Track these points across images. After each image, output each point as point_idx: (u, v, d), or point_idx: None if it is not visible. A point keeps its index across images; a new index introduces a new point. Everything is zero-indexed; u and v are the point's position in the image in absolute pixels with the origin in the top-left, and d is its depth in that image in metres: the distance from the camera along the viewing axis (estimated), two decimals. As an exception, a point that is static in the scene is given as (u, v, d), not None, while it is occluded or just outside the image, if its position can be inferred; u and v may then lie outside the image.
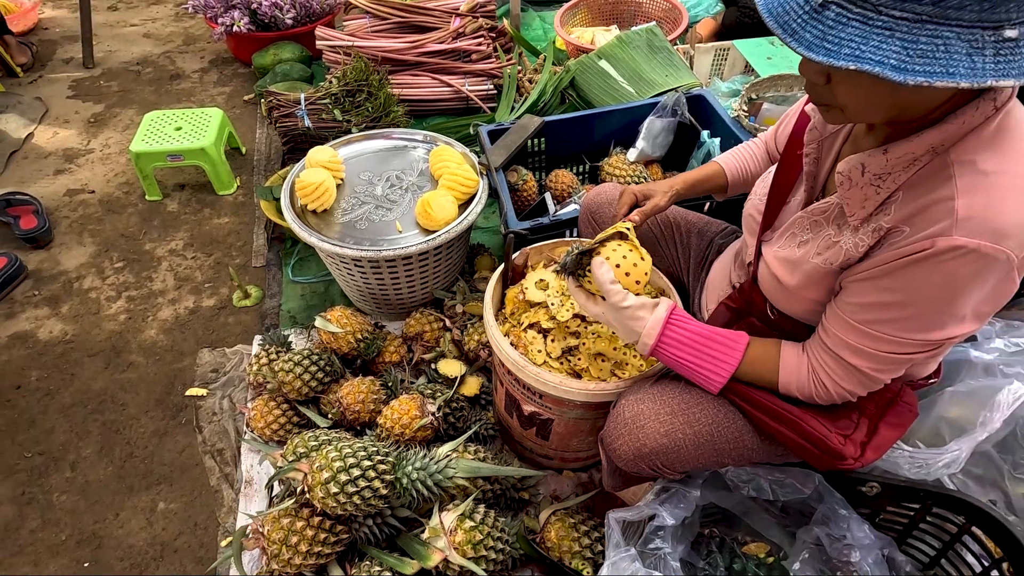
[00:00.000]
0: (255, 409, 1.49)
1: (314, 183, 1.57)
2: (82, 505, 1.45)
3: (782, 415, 0.96)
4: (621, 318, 0.97)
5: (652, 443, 0.96)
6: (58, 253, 2.08)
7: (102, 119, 2.71)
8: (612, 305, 0.97)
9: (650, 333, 0.96)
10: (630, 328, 0.98)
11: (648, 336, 0.96)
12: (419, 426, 1.34)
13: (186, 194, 2.33)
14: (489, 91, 2.65)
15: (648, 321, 0.96)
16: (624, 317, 0.97)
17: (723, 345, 0.96)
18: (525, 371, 1.16)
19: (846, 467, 0.95)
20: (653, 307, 0.98)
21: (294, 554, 1.13)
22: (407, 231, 1.59)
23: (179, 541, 1.39)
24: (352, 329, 1.54)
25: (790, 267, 0.96)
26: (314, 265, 2.02)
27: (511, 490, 1.37)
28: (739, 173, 1.28)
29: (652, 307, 0.98)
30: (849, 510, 1.08)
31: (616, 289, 0.97)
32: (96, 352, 1.78)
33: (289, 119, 2.25)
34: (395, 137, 1.87)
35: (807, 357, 0.95)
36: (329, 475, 1.11)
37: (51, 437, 1.58)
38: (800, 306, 0.98)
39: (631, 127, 1.95)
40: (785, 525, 1.26)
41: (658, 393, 1.01)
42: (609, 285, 0.97)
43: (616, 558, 0.98)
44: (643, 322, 0.96)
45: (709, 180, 1.28)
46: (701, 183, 1.27)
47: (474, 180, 1.65)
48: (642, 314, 0.97)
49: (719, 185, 1.28)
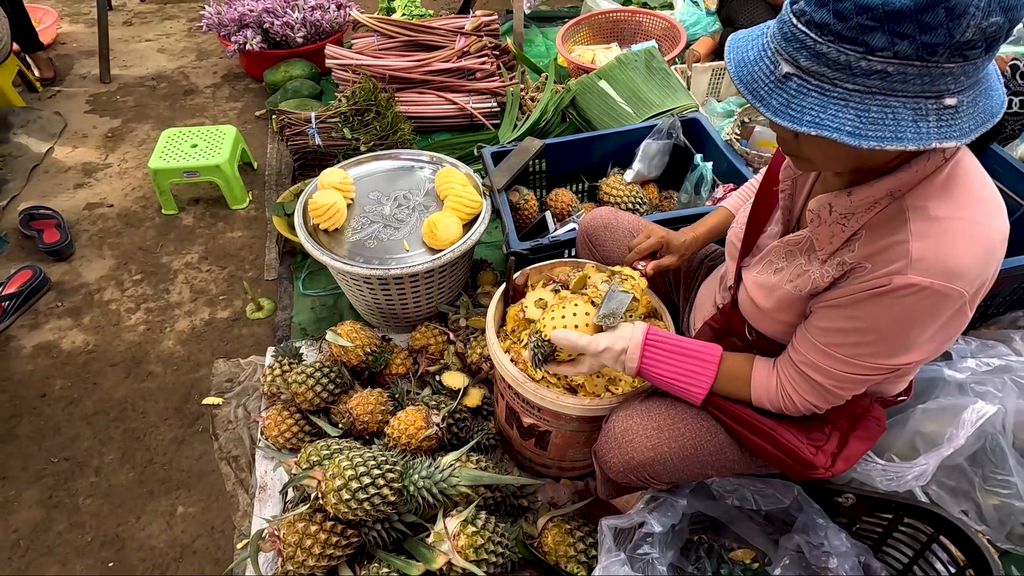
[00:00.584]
0: (269, 418, 1.57)
1: (326, 204, 1.66)
2: (106, 509, 1.54)
3: (758, 427, 1.04)
4: (606, 358, 1.05)
5: (640, 456, 1.04)
6: (79, 266, 2.18)
7: (119, 134, 2.81)
8: (592, 354, 1.05)
9: (632, 357, 1.04)
10: (615, 361, 1.05)
11: (631, 360, 1.04)
12: (424, 436, 1.43)
13: (200, 208, 2.42)
14: (492, 108, 2.74)
15: (628, 346, 1.04)
16: (607, 357, 1.05)
17: (698, 359, 1.04)
18: (524, 387, 1.24)
19: (817, 476, 1.03)
20: (629, 336, 1.05)
21: (308, 556, 1.21)
22: (414, 250, 1.68)
23: (197, 543, 1.48)
24: (361, 343, 1.63)
25: (766, 292, 1.04)
26: (323, 279, 2.11)
27: (511, 497, 1.45)
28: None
29: (628, 336, 1.05)
30: (827, 519, 1.15)
31: (584, 342, 1.04)
32: (117, 362, 1.87)
33: (300, 137, 2.34)
34: (403, 158, 1.95)
35: (776, 372, 1.03)
36: (342, 483, 1.19)
37: (75, 443, 1.67)
38: (774, 327, 1.06)
39: (628, 149, 2.04)
40: (769, 533, 1.34)
41: (646, 409, 1.09)
42: (577, 340, 1.04)
43: (607, 562, 1.06)
44: (624, 352, 1.04)
45: (720, 225, 1.34)
46: (714, 232, 1.35)
47: (478, 201, 1.73)
48: (620, 345, 1.04)
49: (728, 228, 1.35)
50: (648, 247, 1.27)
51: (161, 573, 1.43)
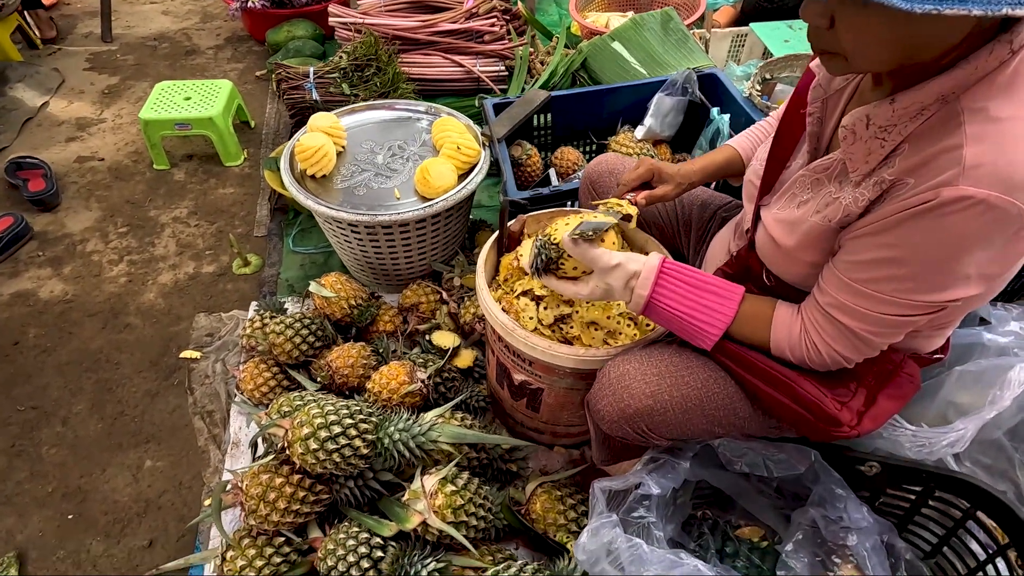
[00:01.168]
0: (245, 371, 1.48)
1: (313, 147, 1.56)
2: (70, 460, 1.45)
3: (775, 378, 0.92)
4: (614, 276, 0.94)
5: (636, 403, 0.92)
6: (64, 217, 2.10)
7: (116, 91, 2.74)
8: (601, 269, 0.94)
9: (644, 283, 0.92)
10: (624, 285, 0.94)
11: (642, 287, 0.93)
12: (407, 392, 1.32)
13: (193, 164, 2.34)
14: (500, 72, 2.62)
15: (642, 271, 0.93)
16: (617, 275, 0.94)
17: (718, 295, 0.92)
18: (514, 335, 1.13)
19: (842, 435, 0.90)
20: (643, 260, 0.94)
21: (272, 510, 1.11)
22: (405, 198, 1.57)
23: (163, 499, 1.38)
24: (346, 295, 1.52)
25: (788, 228, 0.92)
26: (315, 236, 2.01)
27: (499, 461, 1.34)
28: (754, 152, 1.23)
29: (642, 260, 0.94)
30: (847, 490, 1.03)
31: (599, 251, 0.93)
32: (95, 313, 1.79)
33: (297, 91, 2.25)
34: (399, 108, 1.85)
35: (800, 317, 0.91)
36: (309, 431, 1.09)
37: (45, 393, 1.59)
38: (796, 269, 0.93)
39: (640, 105, 1.91)
40: (780, 508, 1.21)
41: (647, 355, 0.97)
42: (592, 251, 0.93)
43: (596, 524, 0.94)
44: (636, 275, 0.93)
45: (725, 165, 1.22)
46: (717, 169, 1.22)
47: (475, 150, 1.62)
48: (634, 267, 0.93)
49: (735, 170, 1.22)
50: (637, 176, 1.15)
51: (123, 527, 1.34)
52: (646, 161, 1.17)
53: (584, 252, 0.93)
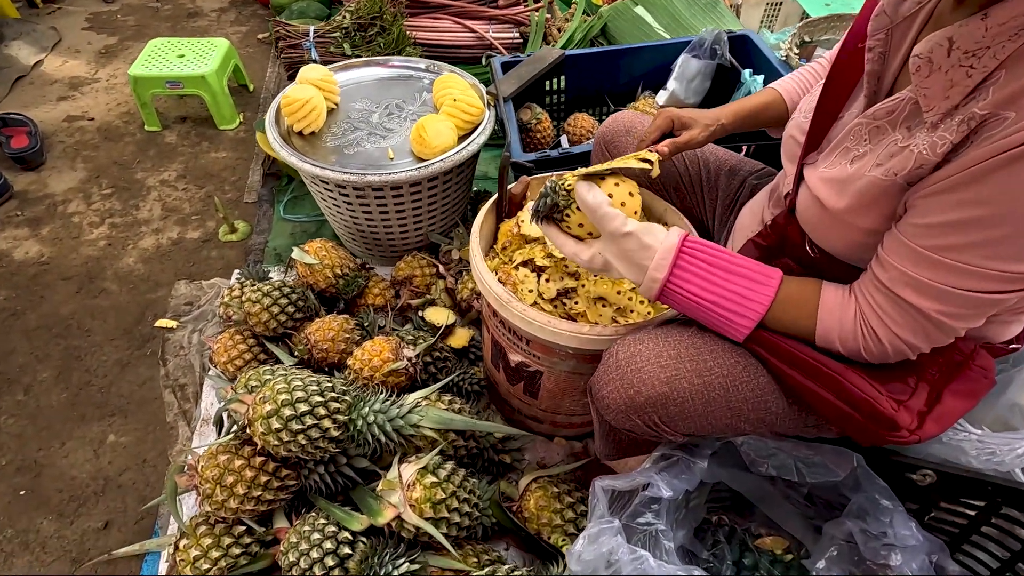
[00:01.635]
0: (220, 342, 1.35)
1: (301, 99, 1.42)
2: (29, 430, 1.34)
3: (818, 370, 0.76)
4: (624, 249, 0.78)
5: (649, 390, 0.77)
6: (47, 176, 1.99)
7: (113, 51, 2.62)
8: (610, 234, 0.78)
9: (660, 265, 0.77)
10: (635, 261, 0.79)
11: (657, 269, 0.77)
12: (391, 369, 1.18)
13: (186, 127, 2.22)
14: (514, 39, 2.45)
15: (657, 249, 0.77)
16: (627, 247, 0.78)
17: (751, 280, 0.76)
18: (509, 307, 0.98)
19: (899, 440, 0.74)
20: (663, 233, 0.79)
21: (229, 496, 0.98)
22: (400, 159, 1.43)
23: (124, 477, 1.27)
24: (331, 263, 1.39)
25: (838, 187, 0.76)
26: (308, 204, 1.88)
27: (491, 451, 1.20)
28: (800, 97, 1.07)
29: (662, 233, 0.79)
30: (894, 501, 0.87)
31: (614, 212, 0.78)
32: (70, 276, 1.68)
33: (296, 50, 2.11)
34: (398, 65, 1.70)
35: (854, 299, 0.75)
36: (272, 408, 0.96)
37: (9, 358, 1.48)
38: (847, 237, 0.77)
39: (662, 69, 1.74)
40: (810, 517, 1.06)
41: (662, 334, 0.82)
42: (606, 208, 0.78)
43: (594, 529, 0.80)
44: (650, 251, 0.77)
45: (763, 110, 1.05)
46: (753, 114, 1.05)
47: (479, 108, 1.47)
48: (649, 240, 0.78)
49: (775, 116, 1.05)
50: (656, 127, 0.99)
51: (78, 506, 1.22)
52: (664, 111, 1.01)
53: (597, 206, 0.78)
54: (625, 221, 0.78)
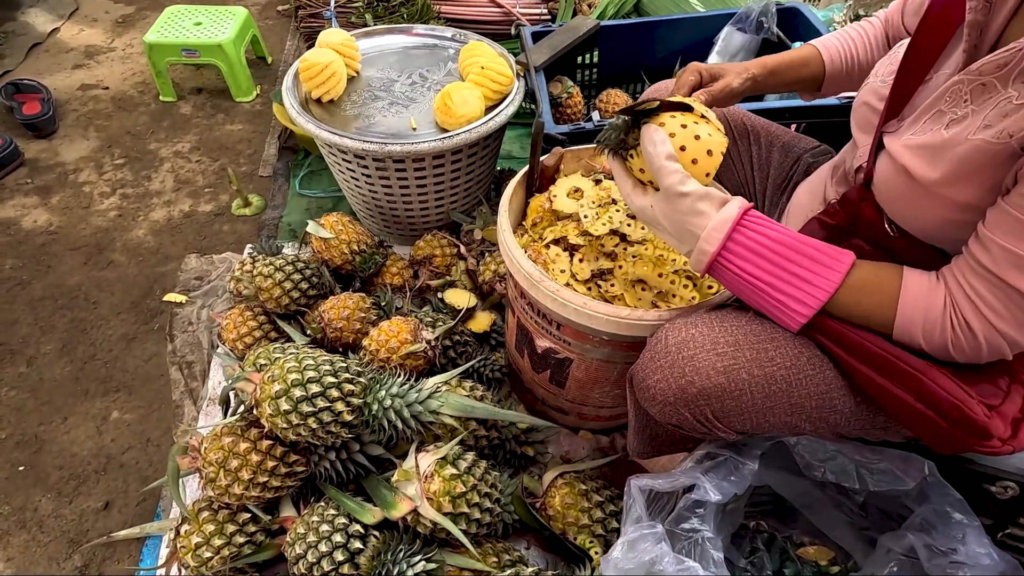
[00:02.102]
0: (229, 319, 1.28)
1: (320, 63, 1.34)
2: (31, 404, 1.29)
3: (895, 367, 0.67)
4: (676, 210, 0.70)
5: (704, 381, 0.68)
6: (59, 144, 1.93)
7: (130, 20, 2.56)
8: (666, 190, 0.70)
9: (712, 236, 0.68)
10: (685, 227, 0.70)
11: (708, 240, 0.68)
12: (409, 352, 1.10)
13: (202, 98, 2.15)
14: (543, 15, 2.35)
15: (712, 218, 0.68)
16: (680, 209, 0.69)
17: (815, 261, 0.67)
18: (540, 287, 0.89)
19: (988, 451, 0.65)
20: (721, 202, 0.70)
21: (234, 481, 0.91)
22: (423, 130, 1.34)
23: (127, 455, 1.21)
24: (347, 238, 1.31)
25: (931, 155, 0.66)
26: (325, 179, 1.80)
27: (513, 442, 1.12)
28: (841, 60, 0.97)
29: (720, 202, 0.70)
30: (969, 515, 0.77)
31: (673, 167, 0.69)
32: (78, 247, 1.62)
33: (316, 20, 2.03)
34: (422, 34, 1.61)
35: (944, 286, 0.65)
36: (281, 388, 0.88)
37: (13, 328, 1.43)
38: (938, 213, 0.67)
39: (702, 44, 1.63)
40: (862, 527, 0.97)
41: (717, 319, 0.73)
42: (664, 161, 0.69)
43: (635, 535, 0.71)
44: (704, 218, 0.69)
45: (798, 66, 0.97)
46: (787, 69, 0.96)
47: (507, 76, 1.37)
48: (703, 207, 0.69)
49: (811, 75, 0.97)
50: (684, 83, 0.89)
51: (77, 485, 1.17)
52: (689, 65, 0.92)
53: (655, 155, 0.69)
54: (684, 179, 0.69)
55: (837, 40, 0.97)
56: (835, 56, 0.96)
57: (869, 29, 0.97)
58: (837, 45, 0.97)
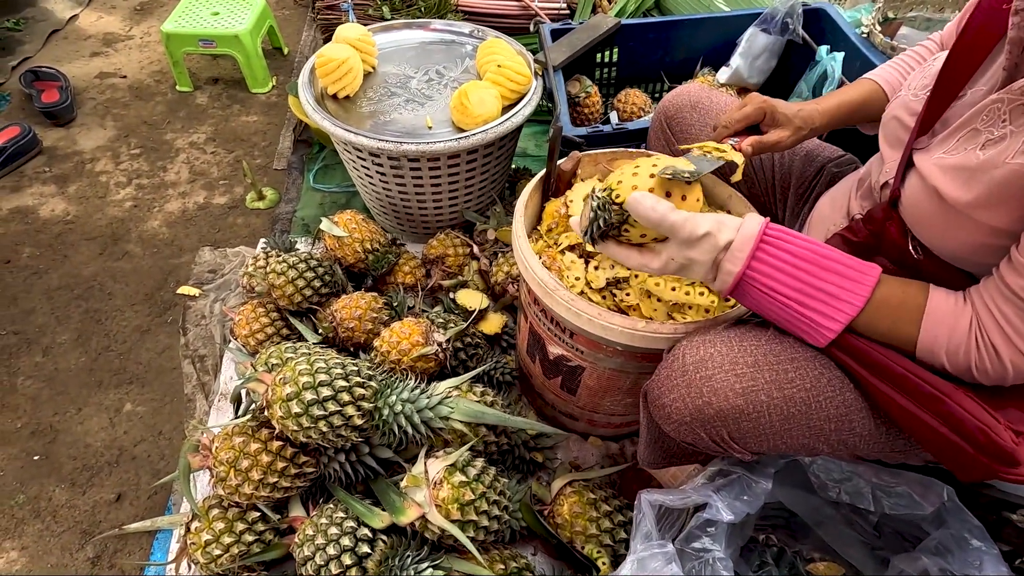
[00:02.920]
0: (242, 314, 1.28)
1: (336, 59, 1.32)
2: (45, 393, 1.30)
3: (919, 388, 0.65)
4: (700, 251, 0.67)
5: (721, 402, 0.67)
6: (77, 133, 1.94)
7: (148, 8, 2.56)
8: (683, 240, 0.66)
9: (735, 257, 0.66)
10: (709, 263, 0.67)
11: (732, 261, 0.66)
12: (420, 354, 1.10)
13: (218, 88, 2.15)
14: (561, 10, 2.31)
15: (735, 239, 0.66)
16: (704, 249, 0.66)
17: (842, 276, 0.65)
18: (555, 296, 0.88)
19: (1014, 479, 0.63)
20: (735, 225, 0.67)
21: (244, 481, 0.91)
22: (439, 129, 1.33)
23: (139, 448, 1.22)
24: (361, 236, 1.31)
25: (965, 177, 0.64)
26: (339, 174, 1.80)
27: (522, 447, 1.11)
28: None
29: (735, 224, 0.67)
30: (987, 542, 0.76)
31: (682, 218, 0.66)
32: (94, 236, 1.63)
33: (333, 12, 2.01)
34: (440, 29, 1.59)
35: (971, 307, 0.63)
36: (292, 391, 0.88)
37: (30, 318, 1.44)
38: (968, 237, 0.65)
39: (725, 45, 1.60)
40: (876, 547, 0.95)
41: (736, 338, 0.72)
42: (672, 218, 0.65)
43: (645, 554, 0.70)
44: (727, 247, 0.66)
45: (862, 106, 0.92)
46: (851, 112, 0.92)
47: (525, 76, 1.36)
48: (725, 236, 0.66)
49: (875, 112, 0.92)
50: (744, 116, 0.87)
51: (91, 476, 1.18)
52: (755, 97, 0.88)
53: (661, 218, 0.65)
54: (698, 221, 0.66)
55: (895, 69, 0.94)
56: (897, 88, 0.92)
57: (925, 53, 0.93)
58: (896, 75, 0.93)
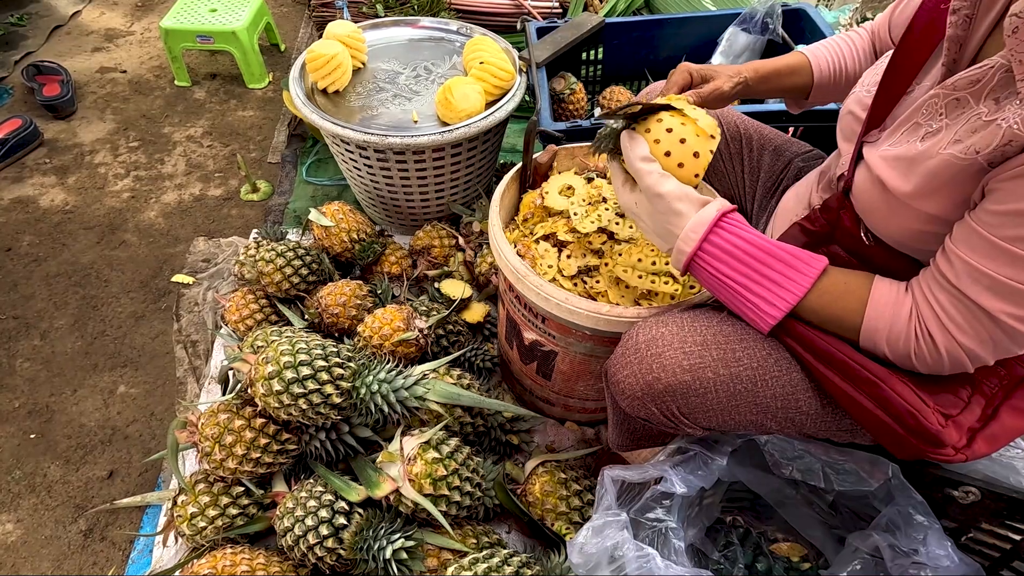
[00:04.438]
0: (232, 301, 1.33)
1: (326, 55, 1.37)
2: (43, 375, 1.35)
3: (857, 373, 0.69)
4: (656, 210, 0.73)
5: (669, 378, 0.71)
6: (77, 126, 1.99)
7: (149, 5, 2.61)
8: (645, 190, 0.73)
9: (689, 236, 0.71)
10: (665, 225, 0.73)
11: (686, 240, 0.71)
12: (401, 339, 1.14)
13: (216, 84, 2.19)
14: (553, 8, 2.35)
15: (690, 219, 0.71)
16: (659, 208, 0.72)
17: (788, 265, 0.69)
18: (526, 281, 0.92)
19: (943, 458, 0.67)
20: (700, 204, 0.72)
21: (228, 455, 0.96)
22: (424, 123, 1.37)
23: (131, 428, 1.27)
24: (347, 226, 1.35)
25: (905, 167, 0.67)
26: (331, 167, 1.84)
27: (499, 430, 1.16)
28: (830, 70, 0.98)
29: (699, 203, 0.72)
30: (930, 518, 0.80)
31: (648, 168, 0.72)
32: (92, 226, 1.68)
33: (328, 9, 2.06)
34: (428, 26, 1.63)
35: (911, 297, 0.67)
36: (273, 370, 0.92)
37: (29, 303, 1.49)
38: (910, 224, 0.69)
39: (708, 44, 1.64)
40: (832, 526, 0.99)
41: (688, 319, 0.76)
42: (639, 163, 0.72)
43: (600, 521, 0.75)
44: (683, 218, 0.71)
45: (787, 73, 0.99)
46: (775, 76, 0.99)
47: (509, 72, 1.40)
48: (682, 207, 0.71)
49: (799, 84, 1.00)
50: (673, 84, 0.92)
51: (84, 454, 1.22)
52: (680, 65, 0.94)
53: (632, 159, 0.73)
54: (659, 180, 0.72)
55: (826, 49, 0.99)
56: (823, 65, 0.98)
57: (857, 40, 0.98)
58: (826, 54, 0.98)
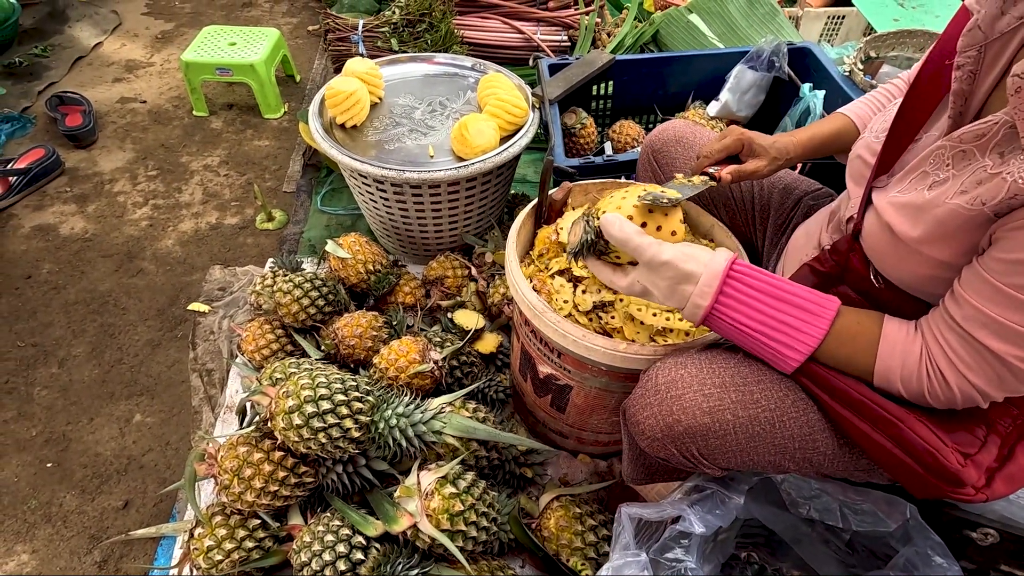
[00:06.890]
0: (248, 331, 1.35)
1: (345, 92, 1.41)
2: (60, 403, 1.36)
3: (875, 413, 0.70)
4: (663, 277, 0.74)
5: (689, 420, 0.72)
6: (97, 155, 2.04)
7: (169, 36, 2.68)
8: (647, 263, 0.74)
9: (703, 292, 0.72)
10: (675, 290, 0.74)
11: (701, 295, 0.72)
12: (416, 371, 1.16)
13: (232, 114, 2.25)
14: (563, 42, 2.42)
15: (701, 275, 0.72)
16: (666, 276, 0.73)
17: (803, 310, 0.71)
18: (543, 318, 0.94)
19: (963, 498, 0.68)
20: (705, 258, 0.73)
21: (247, 489, 0.97)
22: (440, 157, 1.40)
23: (147, 457, 1.27)
24: (364, 258, 1.37)
25: (912, 214, 0.69)
26: (345, 197, 1.88)
27: (512, 463, 1.16)
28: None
29: (704, 258, 0.73)
30: (949, 560, 0.80)
31: (647, 241, 0.73)
32: (111, 254, 1.71)
33: (344, 43, 2.12)
34: (443, 63, 1.68)
35: (921, 337, 0.68)
36: (294, 404, 0.94)
37: (47, 331, 1.51)
38: (918, 269, 0.71)
39: (715, 80, 1.68)
40: (849, 565, 0.99)
41: (707, 360, 0.77)
42: (637, 240, 0.74)
43: (620, 562, 0.75)
44: (692, 278, 0.72)
45: (834, 139, 0.99)
46: (824, 144, 0.99)
47: (523, 109, 1.43)
48: (690, 267, 0.72)
49: (846, 143, 0.99)
50: (723, 147, 0.94)
51: (100, 483, 1.23)
52: (734, 129, 0.95)
53: (626, 239, 0.74)
54: (660, 249, 0.73)
55: (866, 106, 1.00)
56: (867, 122, 0.98)
57: (893, 91, 1.00)
58: (868, 111, 0.99)
